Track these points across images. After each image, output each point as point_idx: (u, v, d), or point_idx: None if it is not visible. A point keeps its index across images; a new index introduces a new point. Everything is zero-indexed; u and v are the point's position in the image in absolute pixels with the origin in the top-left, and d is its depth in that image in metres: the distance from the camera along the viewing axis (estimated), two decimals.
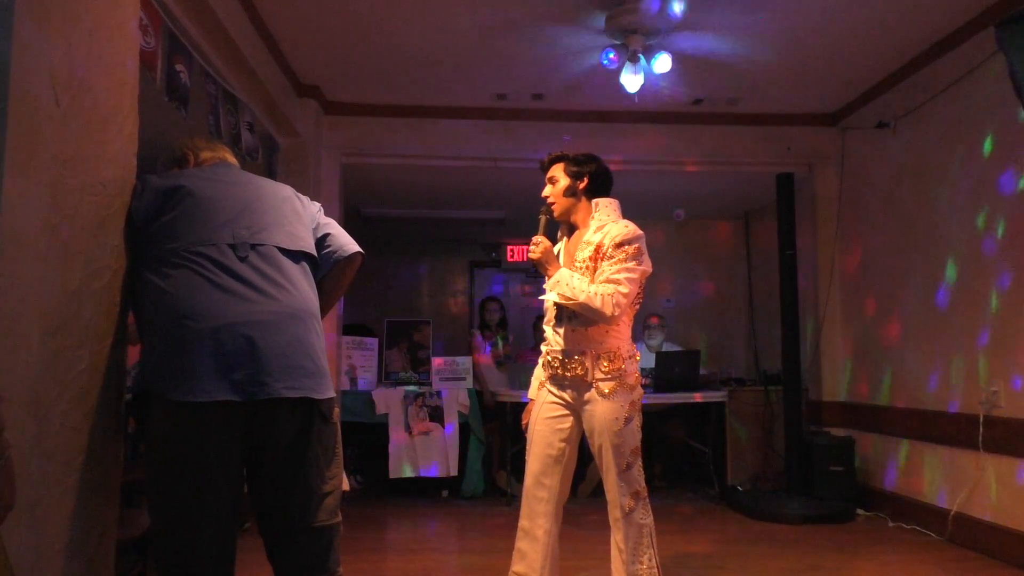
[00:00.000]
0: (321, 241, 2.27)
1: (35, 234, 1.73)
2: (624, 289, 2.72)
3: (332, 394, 2.11)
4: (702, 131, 5.89)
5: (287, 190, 2.29)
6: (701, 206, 7.60)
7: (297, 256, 2.14)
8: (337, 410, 2.20)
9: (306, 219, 2.25)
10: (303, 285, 2.12)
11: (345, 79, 5.25)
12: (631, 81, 4.51)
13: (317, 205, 2.37)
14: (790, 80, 5.20)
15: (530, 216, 7.34)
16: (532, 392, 3.04)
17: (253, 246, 2.05)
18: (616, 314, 2.71)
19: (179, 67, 3.27)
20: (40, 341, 1.74)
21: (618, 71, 4.55)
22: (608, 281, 2.72)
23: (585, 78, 5.09)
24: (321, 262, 2.26)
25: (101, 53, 2.02)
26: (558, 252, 2.97)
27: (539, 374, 3.02)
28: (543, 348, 3.00)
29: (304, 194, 2.38)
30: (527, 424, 2.99)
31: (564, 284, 2.72)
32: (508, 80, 5.25)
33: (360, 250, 2.33)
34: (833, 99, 5.61)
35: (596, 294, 2.69)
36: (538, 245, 2.83)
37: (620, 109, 5.59)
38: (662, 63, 4.43)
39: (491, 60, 4.89)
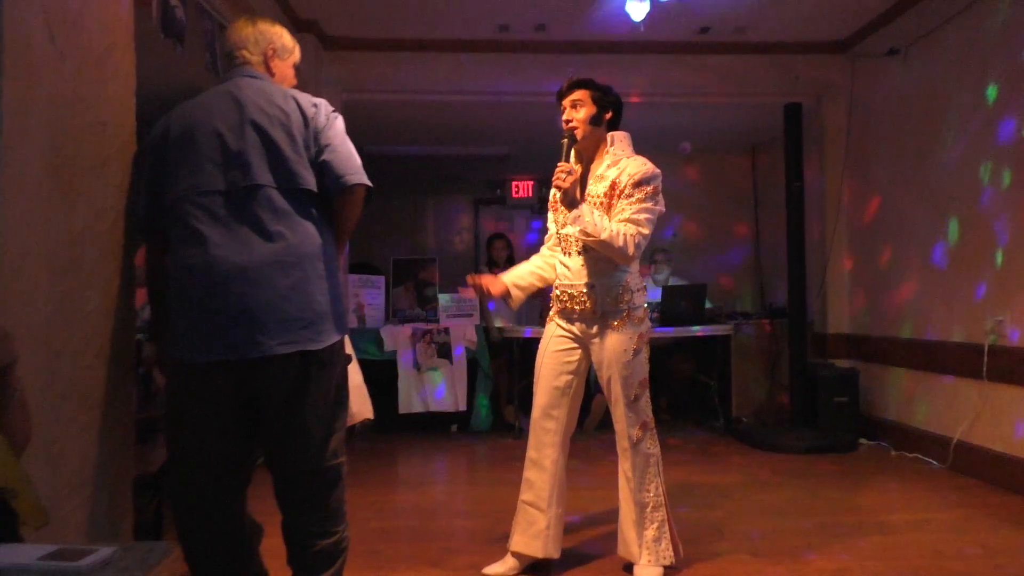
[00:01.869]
0: (321, 169, 2.09)
1: (37, 176, 1.72)
2: (645, 231, 2.71)
3: (333, 339, 2.05)
4: (709, 61, 5.77)
5: (288, 103, 2.09)
6: (707, 139, 7.50)
7: (295, 193, 2.05)
8: (348, 345, 2.18)
9: (305, 144, 2.08)
10: (303, 225, 2.04)
11: (344, 13, 5.14)
12: (636, 9, 4.41)
13: (325, 111, 2.14)
14: (799, 6, 5.07)
15: (534, 152, 7.25)
16: (508, 275, 3.05)
17: (248, 189, 1.99)
18: (636, 255, 2.71)
19: (174, 2, 3.21)
20: (48, 283, 1.76)
21: None
22: (629, 221, 2.69)
23: (590, 7, 4.97)
24: (325, 192, 2.12)
25: None
26: None
27: (522, 267, 3.07)
28: (534, 257, 3.06)
29: None
30: (478, 278, 3.00)
31: (586, 219, 2.65)
32: (510, 11, 5.13)
33: (360, 181, 2.12)
34: (843, 26, 5.48)
35: (619, 233, 2.66)
36: (570, 173, 2.67)
37: (625, 39, 5.47)
38: None
39: None
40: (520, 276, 3.05)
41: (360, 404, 2.42)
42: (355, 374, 2.38)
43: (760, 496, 4.03)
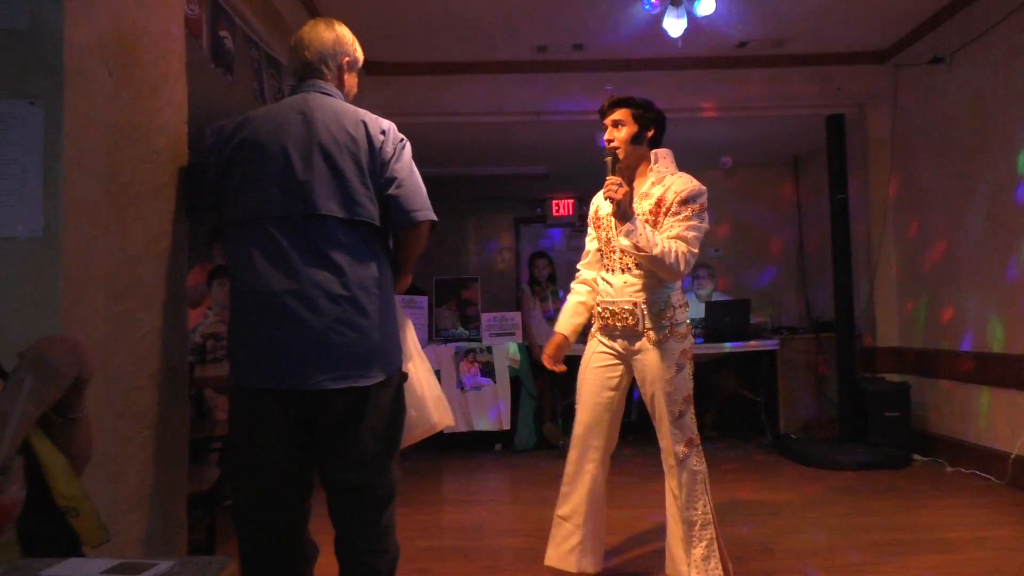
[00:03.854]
0: (388, 203, 2.07)
1: (95, 202, 1.79)
2: (695, 249, 2.71)
3: (383, 376, 2.03)
4: (748, 75, 5.75)
5: (358, 129, 2.06)
6: (749, 152, 7.45)
7: (356, 224, 2.02)
8: (404, 372, 2.18)
9: (371, 173, 2.05)
10: (360, 258, 2.01)
11: (384, 38, 5.23)
12: (674, 26, 4.42)
13: (393, 140, 2.10)
14: (839, 17, 5.02)
15: (573, 170, 7.27)
16: (561, 326, 3.03)
17: (309, 218, 1.98)
18: (686, 273, 2.71)
19: (223, 33, 3.31)
20: (106, 305, 1.82)
21: (660, 16, 4.46)
22: (679, 238, 2.69)
23: (626, 25, 4.99)
24: (390, 225, 2.10)
25: (147, 23, 2.05)
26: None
27: (569, 309, 3.03)
28: (575, 286, 3.03)
29: None
30: (548, 354, 2.99)
31: (639, 234, 2.63)
32: (548, 32, 5.18)
33: (427, 218, 2.11)
34: (885, 35, 5.42)
35: (671, 250, 2.64)
36: (621, 186, 2.64)
37: (663, 56, 5.47)
38: (705, 6, 4.32)
39: (530, 12, 4.83)
40: (572, 319, 3.03)
41: (441, 413, 2.38)
42: (434, 386, 2.38)
43: (811, 513, 3.96)
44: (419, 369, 2.33)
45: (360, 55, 2.31)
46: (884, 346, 5.73)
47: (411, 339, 2.32)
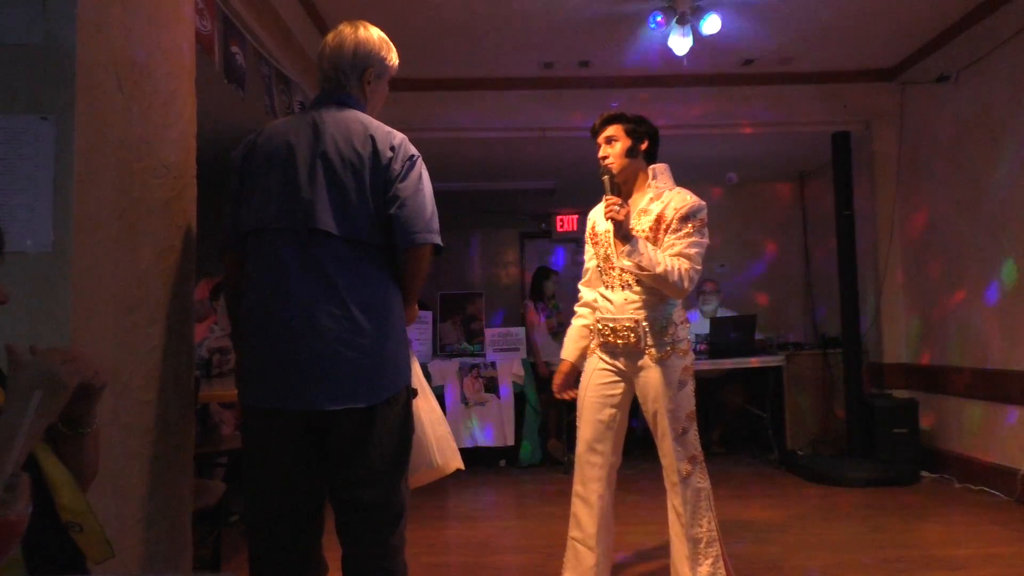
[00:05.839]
0: (390, 223, 1.99)
1: (106, 217, 1.80)
2: (698, 266, 2.70)
3: (385, 395, 1.98)
4: (754, 92, 5.76)
5: (366, 146, 1.99)
6: (754, 169, 7.46)
7: (355, 243, 1.98)
8: (413, 388, 2.14)
9: (374, 190, 1.98)
10: (362, 276, 1.97)
11: None
12: (679, 44, 4.44)
13: (402, 157, 2.02)
14: (846, 35, 5.04)
15: (578, 186, 7.31)
16: (567, 353, 3.02)
17: (311, 232, 1.94)
18: (690, 289, 2.70)
19: (235, 49, 3.33)
20: (115, 320, 1.82)
21: (666, 34, 4.48)
22: (681, 255, 2.68)
23: (633, 43, 5.02)
24: (391, 245, 2.03)
25: (159, 39, 2.07)
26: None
27: (574, 334, 3.01)
28: (578, 309, 3.01)
29: None
30: (559, 385, 3.00)
31: (641, 254, 2.62)
32: (554, 48, 5.20)
33: (427, 240, 2.03)
34: (891, 53, 5.43)
35: (675, 268, 2.63)
36: (623, 206, 2.64)
37: (669, 73, 5.50)
38: (711, 24, 4.35)
39: (537, 28, 4.85)
40: (578, 344, 3.01)
41: (448, 456, 2.31)
42: (438, 426, 2.31)
43: (818, 530, 3.93)
44: (421, 409, 2.24)
45: (390, 62, 2.21)
46: (891, 362, 5.71)
47: (415, 375, 2.25)
